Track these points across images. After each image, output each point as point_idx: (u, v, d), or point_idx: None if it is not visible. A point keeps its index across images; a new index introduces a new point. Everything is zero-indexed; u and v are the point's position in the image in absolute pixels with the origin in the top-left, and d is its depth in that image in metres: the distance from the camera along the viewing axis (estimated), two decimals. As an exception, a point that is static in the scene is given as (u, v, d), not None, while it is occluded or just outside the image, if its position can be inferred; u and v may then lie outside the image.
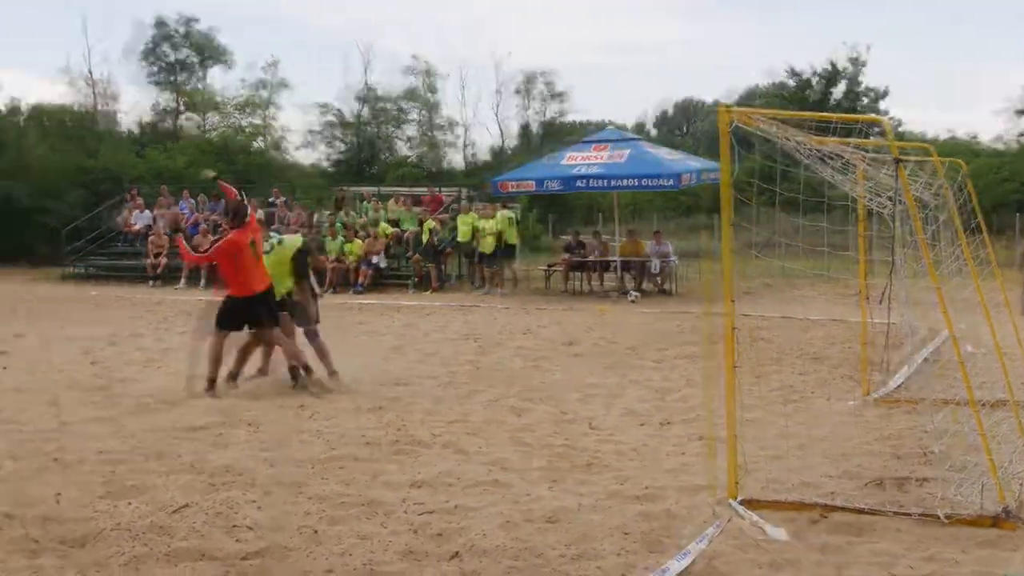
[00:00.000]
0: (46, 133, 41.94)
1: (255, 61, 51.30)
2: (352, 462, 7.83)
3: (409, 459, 7.97)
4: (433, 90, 47.69)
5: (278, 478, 7.33)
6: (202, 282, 24.44)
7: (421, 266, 24.82)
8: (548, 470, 7.66)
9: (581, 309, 19.90)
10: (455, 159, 48.55)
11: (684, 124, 71.30)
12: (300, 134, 47.84)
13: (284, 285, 11.26)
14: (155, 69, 47.33)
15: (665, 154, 24.19)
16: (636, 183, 22.77)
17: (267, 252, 11.31)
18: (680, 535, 6.07)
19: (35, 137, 41.20)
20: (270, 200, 29.37)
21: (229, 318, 10.89)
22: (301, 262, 11.44)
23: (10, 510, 6.51)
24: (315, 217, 27.25)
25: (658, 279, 23.18)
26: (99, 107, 46.75)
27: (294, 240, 11.79)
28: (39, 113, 46.17)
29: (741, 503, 6.53)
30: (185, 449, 8.19)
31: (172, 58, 47.49)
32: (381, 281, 24.85)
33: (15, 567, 5.65)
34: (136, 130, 47.33)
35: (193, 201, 29.36)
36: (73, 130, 43.53)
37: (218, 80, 47.98)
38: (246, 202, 11.66)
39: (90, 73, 45.88)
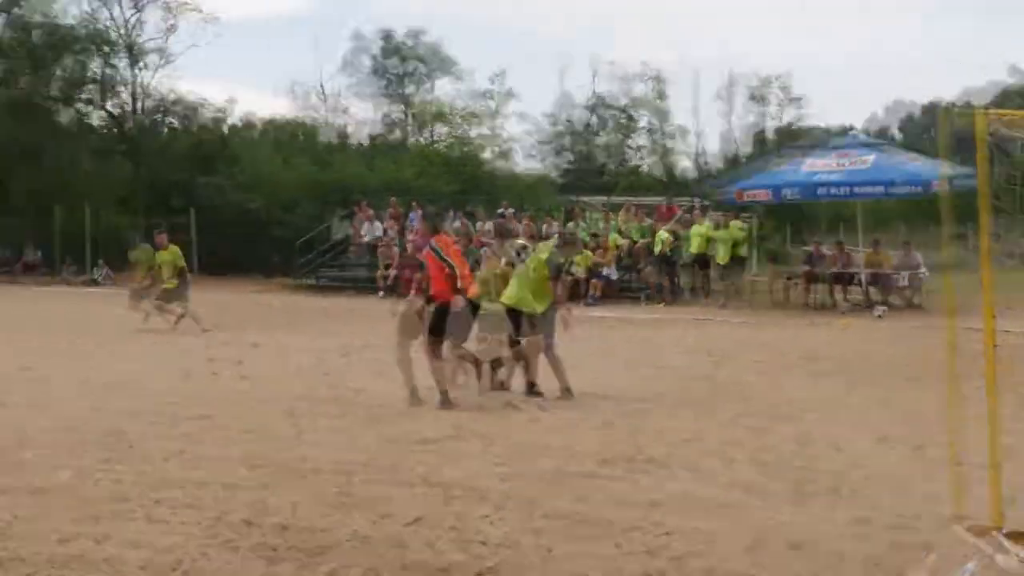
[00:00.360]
0: (279, 147, 43.93)
1: (483, 71, 52.34)
2: (585, 479, 7.84)
3: (644, 477, 7.92)
4: (663, 97, 47.56)
5: (511, 493, 7.41)
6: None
7: (653, 278, 24.74)
8: (791, 493, 7.47)
9: (823, 324, 19.43)
10: (687, 167, 48.28)
11: (931, 128, 68.74)
12: (528, 144, 48.47)
13: (540, 299, 11.38)
14: (384, 82, 48.88)
15: (911, 159, 23.40)
16: (881, 190, 22.13)
17: (521, 262, 11.52)
18: (936, 569, 5.82)
19: (268, 151, 43.22)
20: (499, 211, 29.89)
21: (441, 325, 11.12)
22: (556, 265, 11.55)
23: (250, 517, 6.80)
24: (544, 229, 27.54)
25: (907, 292, 22.40)
26: (329, 120, 48.61)
27: (545, 245, 11.90)
28: (272, 127, 48.45)
29: (1006, 536, 6.20)
30: (418, 461, 8.38)
31: (400, 71, 48.92)
32: (612, 294, 24.89)
33: (255, 573, 5.89)
34: (365, 142, 48.98)
35: (421, 212, 30.12)
36: (305, 143, 45.45)
37: (446, 91, 49.06)
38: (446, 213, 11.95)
39: (321, 87, 47.77)
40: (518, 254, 11.90)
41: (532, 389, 11.45)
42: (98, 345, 17.05)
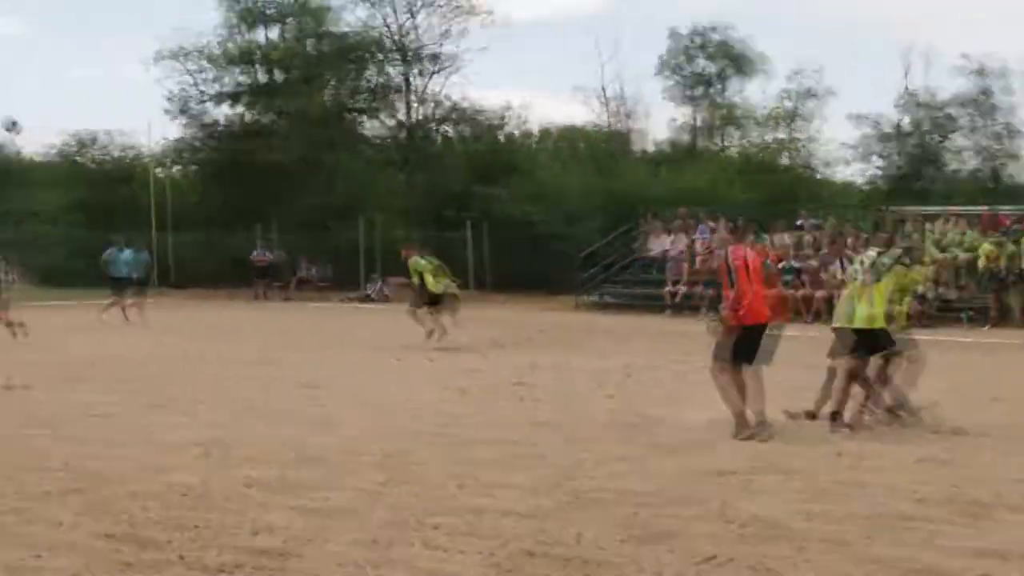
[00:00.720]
0: (560, 155, 44.53)
1: (784, 70, 51.44)
2: (902, 520, 7.56)
3: (971, 522, 7.55)
4: (990, 93, 45.53)
5: (816, 534, 7.22)
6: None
7: (978, 298, 23.78)
8: None
9: None
10: (1019, 173, 45.96)
11: None
12: (834, 148, 47.30)
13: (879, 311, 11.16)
14: (675, 83, 48.76)
15: None
16: None
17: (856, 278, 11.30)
18: None
19: (550, 159, 43.87)
20: (796, 223, 29.38)
21: (736, 348, 10.97)
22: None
23: (532, 548, 6.89)
24: (850, 241, 26.87)
25: None
26: (616, 126, 48.86)
27: (892, 252, 11.58)
28: (554, 134, 49.17)
29: None
30: (712, 494, 8.30)
31: (692, 70, 48.70)
32: (929, 314, 24.02)
33: (538, 608, 5.98)
34: (654, 149, 48.99)
35: (714, 224, 29.89)
36: (588, 151, 45.88)
37: (742, 92, 48.54)
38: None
39: (603, 91, 48.09)
40: (861, 264, 11.52)
41: (837, 419, 11.15)
42: (376, 363, 17.76)
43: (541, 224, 36.40)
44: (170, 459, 9.65)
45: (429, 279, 20.61)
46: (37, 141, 55.56)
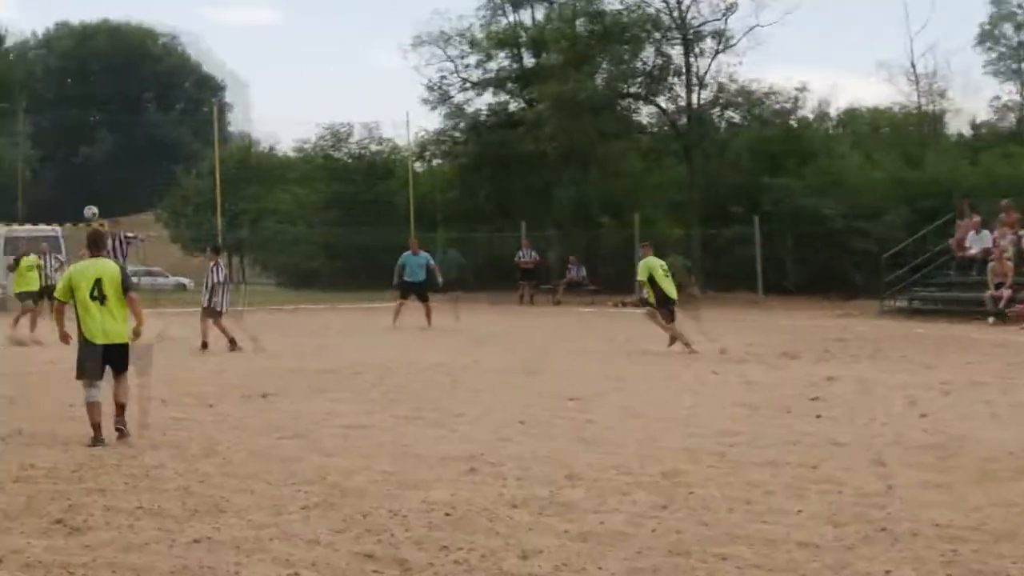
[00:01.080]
0: (860, 141, 43.55)
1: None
2: None
3: None
4: None
5: None
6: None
7: None
8: None
9: None
10: None
11: None
12: None
13: None
14: (994, 56, 47.11)
15: None
16: None
17: None
18: None
19: (848, 146, 42.97)
20: None
21: None
22: None
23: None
24: None
25: None
26: (924, 107, 47.48)
27: None
28: (852, 118, 48.19)
29: None
30: (1047, 531, 7.93)
31: (1015, 41, 46.97)
32: None
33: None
34: (970, 132, 47.43)
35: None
36: (893, 136, 44.75)
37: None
38: None
39: (913, 67, 46.76)
40: None
41: None
42: (653, 374, 17.73)
43: (839, 219, 35.71)
44: (431, 475, 9.85)
45: (664, 281, 20.71)
46: (290, 135, 58.02)
